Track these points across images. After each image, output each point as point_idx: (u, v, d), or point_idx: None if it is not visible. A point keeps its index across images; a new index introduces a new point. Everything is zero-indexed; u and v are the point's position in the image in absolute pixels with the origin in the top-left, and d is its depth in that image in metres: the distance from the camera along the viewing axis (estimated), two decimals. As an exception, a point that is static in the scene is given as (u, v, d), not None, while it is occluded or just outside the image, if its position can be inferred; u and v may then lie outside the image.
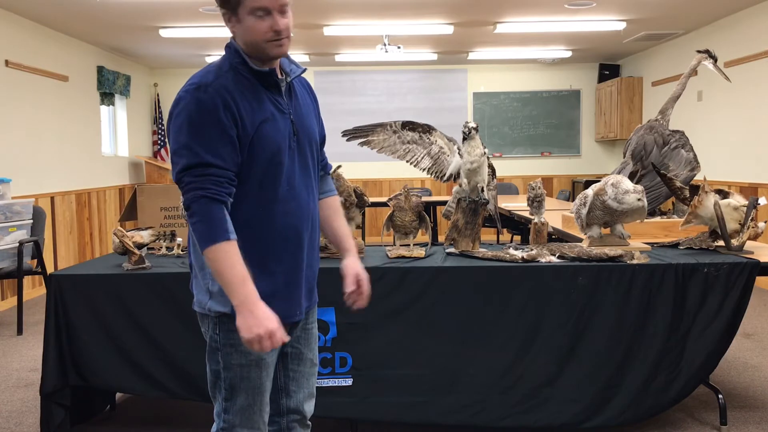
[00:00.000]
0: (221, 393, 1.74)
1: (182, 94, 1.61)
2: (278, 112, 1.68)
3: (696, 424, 2.98)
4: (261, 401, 1.76)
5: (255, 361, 1.71)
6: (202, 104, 1.57)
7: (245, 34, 1.61)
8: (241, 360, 1.71)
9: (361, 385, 2.72)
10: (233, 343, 1.69)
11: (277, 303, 1.64)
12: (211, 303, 1.70)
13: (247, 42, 1.62)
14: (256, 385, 1.73)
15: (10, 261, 4.81)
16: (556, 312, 2.70)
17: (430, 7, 5.92)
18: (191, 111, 1.58)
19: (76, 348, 2.73)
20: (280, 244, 1.69)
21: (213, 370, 1.75)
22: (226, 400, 1.74)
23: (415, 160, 3.09)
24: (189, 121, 1.58)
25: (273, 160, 1.65)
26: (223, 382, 1.73)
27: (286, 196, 1.68)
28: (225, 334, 1.70)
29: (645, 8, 6.04)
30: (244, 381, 1.72)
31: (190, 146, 1.57)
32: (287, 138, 1.68)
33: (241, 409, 1.73)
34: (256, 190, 1.65)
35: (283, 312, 1.66)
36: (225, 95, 1.59)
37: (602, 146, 9.34)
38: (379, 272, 2.71)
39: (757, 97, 5.94)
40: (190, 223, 1.60)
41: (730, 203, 2.92)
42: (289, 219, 1.70)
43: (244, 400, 1.73)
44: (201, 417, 3.13)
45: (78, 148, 7.00)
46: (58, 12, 5.82)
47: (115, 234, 2.90)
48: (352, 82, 9.14)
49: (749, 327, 4.62)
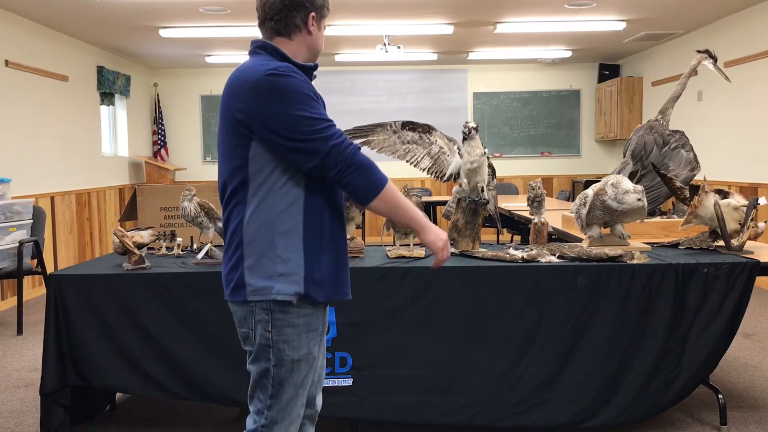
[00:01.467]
0: (267, 391, 1.76)
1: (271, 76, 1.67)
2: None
3: (696, 424, 2.98)
4: (304, 395, 1.82)
5: (305, 355, 1.77)
6: (300, 83, 1.69)
7: (320, 39, 1.85)
8: (293, 355, 1.75)
9: (361, 385, 2.72)
10: (287, 339, 1.74)
11: (337, 284, 1.79)
12: (279, 286, 1.71)
13: (316, 46, 1.84)
14: (302, 379, 1.79)
15: (10, 261, 4.81)
16: (556, 312, 2.70)
17: (430, 7, 5.92)
18: (296, 88, 1.68)
19: (76, 348, 2.73)
20: (337, 221, 1.80)
21: (261, 370, 1.76)
22: (272, 397, 1.76)
23: (415, 160, 3.09)
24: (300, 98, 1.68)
25: None
26: (271, 380, 1.75)
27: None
28: (278, 330, 1.73)
29: (645, 8, 6.04)
30: (293, 375, 1.76)
31: (319, 115, 1.69)
32: None
33: (285, 404, 1.77)
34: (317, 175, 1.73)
35: (339, 294, 1.81)
36: (303, 78, 1.72)
37: (602, 146, 9.35)
38: (379, 272, 2.71)
39: (757, 97, 5.94)
40: (354, 178, 1.68)
41: (730, 203, 2.92)
42: (339, 198, 1.82)
43: (290, 394, 1.77)
44: (201, 417, 3.13)
45: (78, 148, 7.00)
46: (58, 12, 5.82)
47: (115, 234, 2.90)
48: (352, 82, 9.13)
49: (749, 327, 4.62)
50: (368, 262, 2.82)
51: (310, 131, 1.66)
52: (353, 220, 3.00)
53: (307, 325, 1.76)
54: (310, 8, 1.78)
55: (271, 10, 1.77)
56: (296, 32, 1.79)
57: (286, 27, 1.78)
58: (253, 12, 6.67)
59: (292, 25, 1.78)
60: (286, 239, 1.71)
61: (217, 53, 8.00)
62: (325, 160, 1.66)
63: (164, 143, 9.00)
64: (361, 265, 2.75)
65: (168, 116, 9.14)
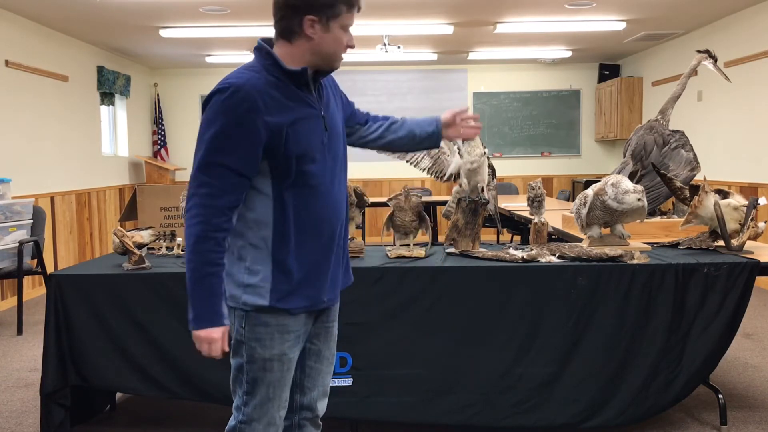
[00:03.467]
0: (242, 386, 1.79)
1: (212, 94, 1.65)
2: (310, 109, 1.74)
3: (696, 424, 2.98)
4: (280, 396, 1.81)
5: (278, 355, 1.77)
6: (233, 105, 1.62)
7: (328, 43, 1.72)
8: (265, 354, 1.75)
9: (361, 385, 2.72)
10: (259, 338, 1.75)
11: (309, 293, 1.77)
12: (246, 297, 1.73)
13: (323, 51, 1.72)
14: (277, 379, 1.79)
15: (10, 261, 4.81)
16: (556, 312, 2.70)
17: (430, 7, 5.91)
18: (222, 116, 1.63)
19: (76, 348, 2.73)
20: (316, 236, 1.76)
21: (237, 365, 1.79)
22: (247, 393, 1.78)
23: (415, 160, 3.09)
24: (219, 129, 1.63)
25: (306, 157, 1.70)
26: (245, 376, 1.78)
27: (319, 192, 1.75)
28: (251, 328, 1.75)
29: (645, 8, 6.04)
30: (266, 374, 1.77)
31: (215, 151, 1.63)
32: (320, 135, 1.75)
33: (260, 403, 1.78)
34: (290, 187, 1.71)
35: (311, 302, 1.78)
36: (256, 97, 1.63)
37: (602, 146, 9.35)
38: (379, 272, 2.71)
39: (757, 97, 5.94)
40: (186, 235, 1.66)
41: (730, 203, 2.92)
42: (325, 212, 1.77)
43: (264, 394, 1.78)
44: (201, 417, 3.13)
45: (78, 148, 7.00)
46: (58, 12, 5.82)
47: (115, 234, 2.90)
48: (352, 82, 9.14)
49: (749, 327, 4.62)
50: (368, 262, 2.82)
51: (196, 163, 1.65)
52: (353, 220, 3.00)
53: (281, 327, 1.75)
54: (305, 11, 1.66)
55: (274, 11, 1.72)
56: (296, 37, 1.70)
57: (284, 30, 1.71)
58: (253, 12, 6.66)
59: (290, 29, 1.70)
60: (255, 251, 1.72)
61: (217, 53, 8.00)
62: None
63: (164, 143, 9.00)
64: (361, 265, 2.75)
65: (168, 116, 9.13)
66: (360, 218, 3.05)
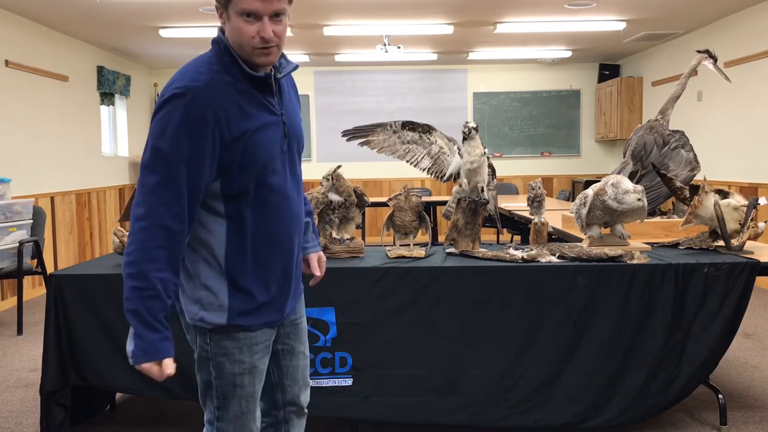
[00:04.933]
0: (213, 402, 1.72)
1: (167, 98, 1.51)
2: (271, 116, 1.63)
3: (696, 424, 2.98)
4: (254, 408, 1.75)
5: (248, 369, 1.69)
6: (187, 116, 1.49)
7: (232, 34, 1.56)
8: (234, 369, 1.68)
9: (361, 385, 2.72)
10: (225, 353, 1.67)
11: (269, 310, 1.69)
12: (204, 314, 1.65)
13: (235, 43, 1.56)
14: (249, 393, 1.72)
15: (10, 261, 4.81)
16: (556, 312, 2.70)
17: (430, 7, 5.91)
18: (175, 121, 1.49)
19: (76, 348, 2.73)
20: (275, 253, 1.67)
21: (204, 380, 1.72)
22: (219, 408, 1.72)
23: (415, 160, 3.09)
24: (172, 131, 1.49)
25: (266, 168, 1.60)
26: (215, 391, 1.71)
27: (279, 204, 1.66)
28: (216, 343, 1.67)
29: (645, 8, 6.04)
30: (237, 389, 1.70)
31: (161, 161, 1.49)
32: (279, 143, 1.64)
33: (234, 417, 1.72)
34: (250, 200, 1.61)
35: (273, 317, 1.71)
36: (214, 103, 1.51)
37: (602, 146, 9.34)
38: (379, 272, 2.71)
39: (757, 97, 5.94)
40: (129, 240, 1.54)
41: (730, 203, 2.92)
42: (284, 226, 1.68)
43: (237, 408, 1.71)
44: (201, 417, 3.12)
45: (78, 148, 7.00)
46: (58, 12, 5.82)
47: (115, 234, 2.89)
48: (352, 82, 9.13)
49: (749, 327, 4.62)
50: (368, 262, 2.82)
51: (143, 168, 1.51)
52: (353, 221, 3.00)
53: (249, 340, 1.68)
54: (216, 2, 1.56)
55: None
56: (221, 17, 1.58)
57: (217, 9, 1.58)
58: (253, 12, 6.60)
59: (216, 6, 1.57)
60: (209, 268, 1.63)
61: (217, 53, 7.99)
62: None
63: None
64: (361, 265, 2.75)
65: (168, 116, 9.13)
66: (360, 218, 3.05)
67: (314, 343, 2.70)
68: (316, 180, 3.49)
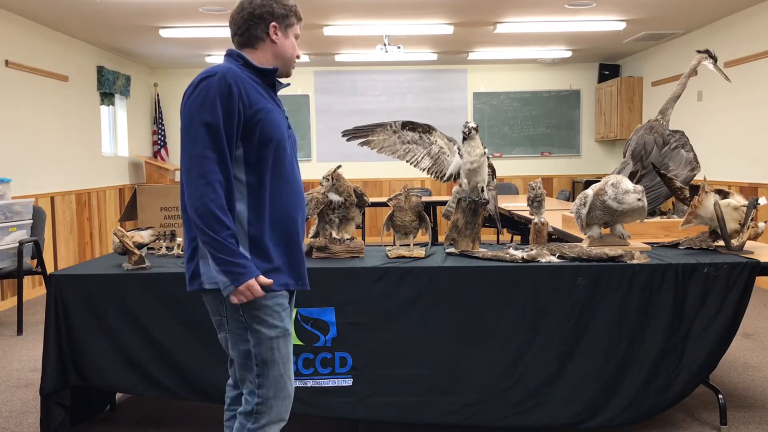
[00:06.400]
0: (252, 371, 1.87)
1: (199, 81, 1.80)
2: (277, 107, 1.93)
3: (696, 424, 2.98)
4: (290, 369, 1.93)
5: (282, 332, 1.88)
6: (219, 89, 1.78)
7: (284, 48, 1.96)
8: (271, 333, 1.86)
9: (361, 385, 2.72)
10: (260, 320, 1.84)
11: (286, 274, 1.89)
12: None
13: (281, 54, 1.96)
14: (285, 354, 1.90)
15: (10, 261, 4.81)
16: (556, 312, 2.70)
17: (430, 7, 5.92)
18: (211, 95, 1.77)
19: (76, 348, 2.73)
20: (287, 221, 1.89)
21: (242, 351, 1.87)
22: (259, 375, 1.86)
23: (415, 160, 3.09)
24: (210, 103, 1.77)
25: (279, 145, 1.87)
26: (254, 359, 1.86)
27: (289, 179, 1.91)
28: (250, 313, 1.83)
29: (645, 8, 6.04)
30: (275, 353, 1.87)
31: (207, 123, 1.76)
32: (285, 129, 1.93)
33: (274, 381, 1.87)
34: (267, 170, 1.84)
35: (290, 281, 1.90)
36: (239, 82, 1.81)
37: (602, 146, 9.35)
38: (379, 272, 2.71)
39: (757, 97, 5.94)
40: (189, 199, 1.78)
41: (730, 203, 2.92)
42: (294, 198, 1.92)
43: (276, 371, 1.88)
44: (201, 417, 3.13)
45: (78, 148, 7.00)
46: (58, 12, 5.82)
47: (115, 234, 2.90)
48: (352, 82, 9.13)
49: (749, 327, 4.62)
50: (368, 262, 2.82)
51: (190, 139, 1.77)
52: (353, 221, 3.00)
53: (279, 305, 1.87)
54: (269, 19, 1.93)
55: (236, 26, 1.94)
56: (260, 42, 1.94)
57: (249, 39, 1.94)
58: (253, 12, 6.59)
59: (255, 36, 1.93)
60: None
61: (217, 53, 7.99)
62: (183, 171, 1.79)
63: (164, 143, 8.99)
64: (361, 265, 2.75)
65: (168, 116, 9.13)
66: (360, 218, 3.05)
67: (314, 343, 2.70)
68: (316, 180, 3.49)
